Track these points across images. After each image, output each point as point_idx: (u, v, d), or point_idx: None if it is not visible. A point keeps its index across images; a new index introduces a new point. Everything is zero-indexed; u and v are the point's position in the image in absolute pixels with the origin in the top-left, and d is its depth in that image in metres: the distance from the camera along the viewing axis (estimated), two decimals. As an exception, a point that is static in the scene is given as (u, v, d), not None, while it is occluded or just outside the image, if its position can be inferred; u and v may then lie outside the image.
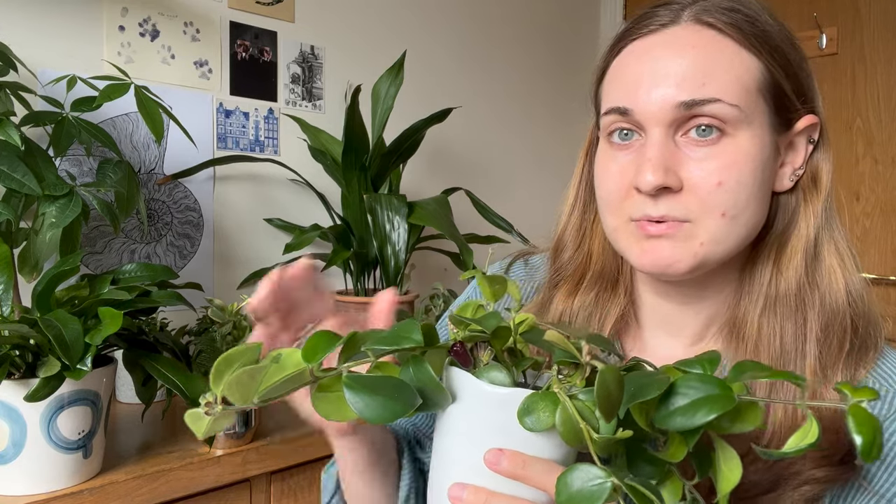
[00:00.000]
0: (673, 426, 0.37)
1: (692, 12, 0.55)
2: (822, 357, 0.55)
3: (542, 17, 2.14)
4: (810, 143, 0.59)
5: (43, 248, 0.85)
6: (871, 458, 0.35)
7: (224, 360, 0.36)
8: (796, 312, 0.56)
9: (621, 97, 0.56)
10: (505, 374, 0.43)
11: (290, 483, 1.06)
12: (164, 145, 1.36)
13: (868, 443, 0.35)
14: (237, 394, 0.36)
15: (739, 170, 0.53)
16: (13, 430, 0.77)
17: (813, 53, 2.08)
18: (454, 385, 0.44)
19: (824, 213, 0.58)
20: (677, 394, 0.38)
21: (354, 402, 0.37)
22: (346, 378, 0.38)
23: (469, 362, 0.45)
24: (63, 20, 1.24)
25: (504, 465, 0.41)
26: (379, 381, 0.38)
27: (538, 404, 0.40)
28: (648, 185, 0.53)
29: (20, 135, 0.85)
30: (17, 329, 0.74)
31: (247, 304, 0.52)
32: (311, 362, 0.38)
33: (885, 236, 2.00)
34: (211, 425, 0.36)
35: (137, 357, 0.85)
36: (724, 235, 0.54)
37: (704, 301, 0.61)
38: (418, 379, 0.40)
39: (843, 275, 0.57)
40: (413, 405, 0.38)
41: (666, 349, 0.64)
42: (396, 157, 1.41)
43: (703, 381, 0.38)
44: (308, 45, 1.58)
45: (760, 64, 0.54)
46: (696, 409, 0.37)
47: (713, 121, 0.53)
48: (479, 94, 1.96)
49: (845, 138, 2.04)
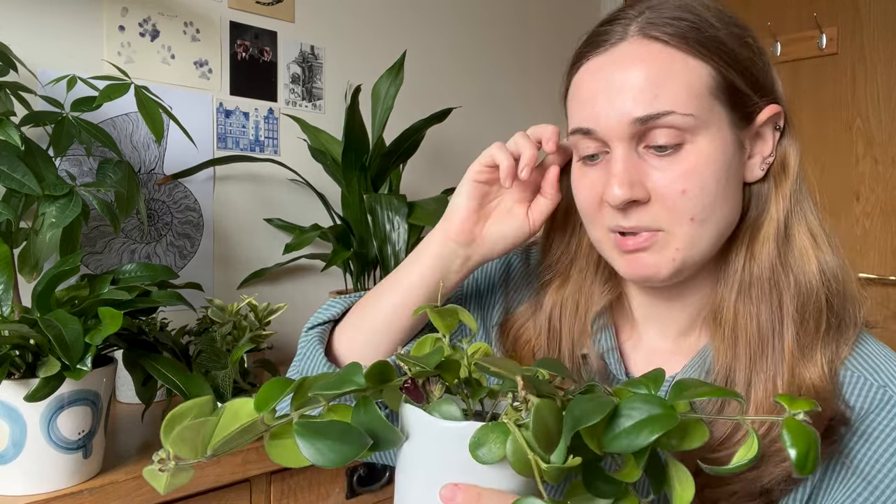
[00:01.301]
0: (619, 448, 0.38)
1: (638, 27, 0.57)
2: (800, 337, 0.56)
3: (542, 17, 2.14)
4: (777, 131, 0.60)
5: (43, 248, 0.85)
6: (805, 471, 0.36)
7: (174, 416, 0.37)
8: (771, 295, 0.57)
9: (582, 118, 0.58)
10: (456, 408, 0.43)
11: (290, 483, 1.06)
12: (164, 145, 1.36)
13: (802, 455, 0.36)
14: (185, 448, 0.36)
15: (701, 174, 0.55)
16: (13, 430, 0.77)
17: (813, 53, 2.08)
18: (407, 422, 0.44)
19: (793, 196, 0.59)
20: (622, 416, 0.39)
21: (306, 449, 0.38)
22: (296, 425, 0.39)
23: (421, 398, 0.45)
24: (63, 20, 1.24)
25: (459, 500, 0.41)
26: (328, 426, 0.39)
27: (489, 436, 0.40)
28: (616, 200, 0.55)
29: (20, 135, 0.85)
30: (17, 329, 0.74)
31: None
32: (262, 411, 0.39)
33: (885, 236, 2.00)
34: (169, 481, 0.36)
35: (137, 357, 0.85)
36: (697, 238, 0.56)
37: (688, 297, 0.63)
38: (368, 420, 0.41)
39: (816, 254, 0.58)
40: (363, 446, 0.38)
41: (656, 341, 0.66)
42: (396, 157, 1.41)
43: (647, 402, 0.39)
44: (308, 45, 1.58)
45: (709, 68, 0.55)
46: (640, 429, 0.38)
47: (671, 131, 0.54)
48: (479, 94, 1.96)
49: (845, 138, 2.04)
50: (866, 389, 0.56)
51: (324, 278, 1.58)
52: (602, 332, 0.66)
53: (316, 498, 1.09)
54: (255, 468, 0.98)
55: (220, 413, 0.38)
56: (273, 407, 0.39)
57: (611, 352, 0.65)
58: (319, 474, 1.09)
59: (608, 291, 0.66)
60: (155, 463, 0.36)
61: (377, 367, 0.42)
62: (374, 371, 0.42)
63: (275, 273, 1.49)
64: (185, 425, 0.36)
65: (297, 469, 1.06)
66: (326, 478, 1.10)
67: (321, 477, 1.10)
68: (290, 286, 1.55)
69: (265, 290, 1.49)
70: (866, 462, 0.54)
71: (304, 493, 1.08)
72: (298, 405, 0.41)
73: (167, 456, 0.36)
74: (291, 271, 1.55)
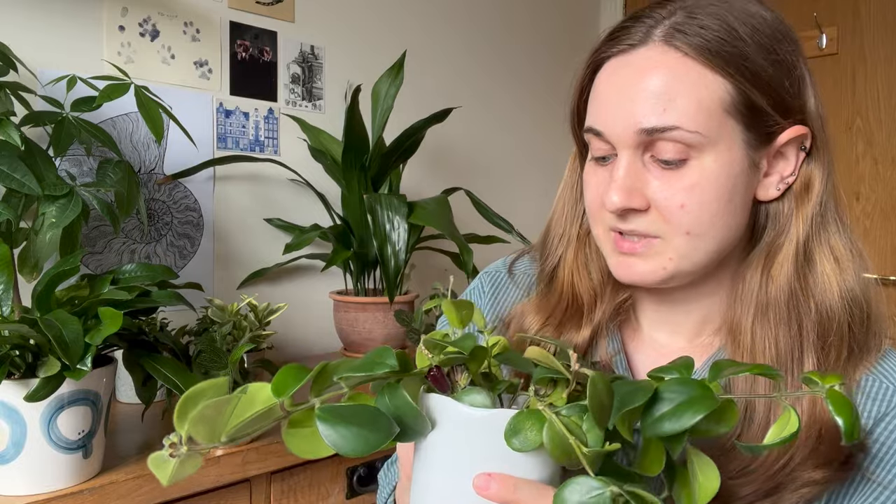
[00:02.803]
0: (662, 431, 0.37)
1: (662, 32, 0.55)
2: (821, 364, 0.55)
3: (542, 17, 2.14)
4: (802, 151, 0.59)
5: (43, 248, 0.85)
6: (852, 438, 0.36)
7: (189, 397, 0.34)
8: (790, 319, 0.56)
9: (595, 119, 0.59)
10: (485, 396, 0.42)
11: (290, 483, 1.06)
12: (164, 145, 1.36)
13: (850, 424, 0.36)
14: (204, 431, 0.34)
15: (702, 191, 0.54)
16: (13, 430, 0.77)
17: (813, 53, 2.08)
18: (433, 411, 0.42)
19: (816, 219, 0.58)
20: (661, 399, 0.38)
21: (329, 435, 0.36)
22: (319, 410, 0.36)
23: (446, 387, 0.44)
24: (63, 20, 1.24)
25: (494, 490, 0.39)
26: (354, 411, 0.37)
27: (524, 423, 0.39)
28: (612, 206, 0.56)
29: (20, 135, 0.85)
30: (17, 329, 0.74)
31: None
32: (280, 396, 0.36)
33: (885, 236, 2.00)
34: (177, 470, 0.34)
35: (137, 357, 0.85)
36: (692, 251, 0.56)
37: (695, 303, 0.63)
38: (395, 406, 0.39)
39: (838, 280, 0.57)
40: (391, 434, 0.37)
41: (666, 342, 0.66)
42: (396, 157, 1.41)
43: (684, 385, 0.38)
44: (308, 45, 1.58)
45: (728, 84, 0.54)
46: (681, 411, 0.37)
47: (676, 145, 0.54)
48: (479, 94, 1.96)
49: (845, 138, 2.04)
50: (882, 393, 0.56)
51: (324, 278, 1.58)
52: (609, 338, 0.66)
53: (316, 498, 1.09)
54: (255, 468, 0.98)
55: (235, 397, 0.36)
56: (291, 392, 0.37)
57: (618, 355, 0.65)
58: (319, 474, 1.09)
59: (615, 299, 0.66)
60: (165, 448, 0.34)
61: (400, 355, 0.40)
62: (402, 356, 0.40)
63: (275, 273, 1.49)
64: (206, 404, 0.33)
65: (297, 469, 1.06)
66: (326, 478, 1.10)
67: (321, 477, 1.10)
68: (290, 286, 1.55)
69: (265, 290, 1.49)
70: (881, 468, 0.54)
71: (304, 493, 1.08)
72: (319, 391, 0.38)
73: (179, 440, 0.34)
74: (291, 271, 1.55)
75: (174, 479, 0.34)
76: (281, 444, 1.01)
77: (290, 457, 1.03)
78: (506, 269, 0.76)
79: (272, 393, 0.36)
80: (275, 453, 1.01)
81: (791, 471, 0.52)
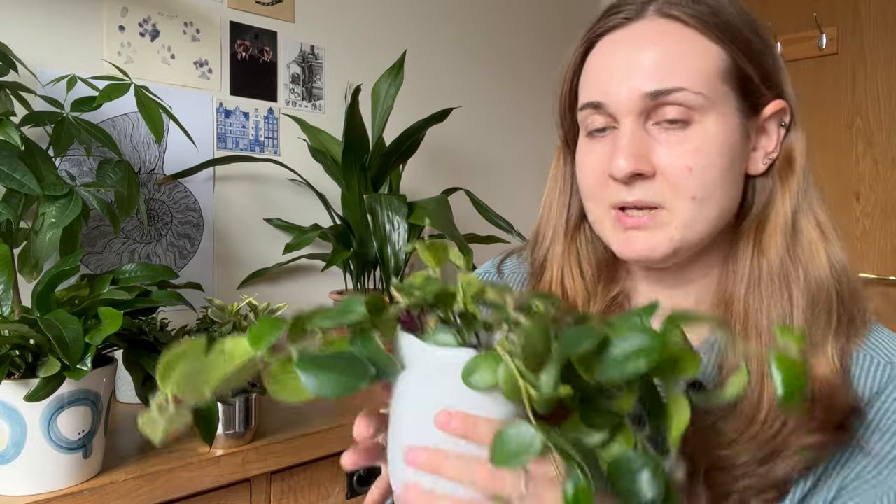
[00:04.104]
0: (611, 376, 0.38)
1: (657, 6, 0.58)
2: (812, 331, 0.56)
3: (542, 17, 2.14)
4: (782, 127, 0.61)
5: (43, 248, 0.85)
6: (792, 401, 0.36)
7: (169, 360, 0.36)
8: (781, 289, 0.58)
9: (594, 92, 0.60)
10: (451, 336, 0.44)
11: (290, 483, 1.06)
12: (164, 145, 1.36)
13: (789, 385, 0.36)
14: (188, 389, 0.36)
15: (707, 153, 0.56)
16: (13, 430, 0.77)
17: (813, 53, 2.08)
18: (404, 351, 0.44)
19: (801, 191, 0.60)
20: (613, 345, 0.39)
21: (308, 382, 0.38)
22: (298, 360, 0.38)
23: (417, 328, 0.46)
24: (63, 20, 1.24)
25: (454, 426, 0.42)
26: (330, 357, 0.39)
27: (481, 363, 0.41)
28: (621, 172, 0.56)
29: (20, 135, 0.85)
30: (17, 329, 0.74)
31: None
32: (257, 348, 0.38)
33: (885, 236, 2.00)
34: (167, 426, 0.36)
35: (137, 357, 0.85)
36: (695, 218, 0.57)
37: (690, 284, 0.64)
38: (368, 350, 0.41)
39: (825, 247, 0.59)
40: (367, 377, 0.39)
41: None
42: (396, 157, 1.41)
43: (638, 332, 0.39)
44: (308, 45, 1.58)
45: (723, 52, 0.57)
46: (631, 358, 0.38)
47: (680, 108, 0.56)
48: (479, 94, 1.96)
49: (845, 138, 2.04)
50: (874, 368, 0.57)
51: (324, 278, 1.58)
52: None
53: (316, 498, 1.09)
54: (255, 468, 0.98)
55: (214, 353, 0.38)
56: (269, 344, 0.39)
57: None
58: (319, 474, 1.09)
59: (615, 289, 0.66)
60: (153, 408, 0.36)
61: (375, 298, 0.42)
62: (372, 303, 0.42)
63: (275, 273, 1.49)
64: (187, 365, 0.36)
65: (297, 469, 1.06)
66: (326, 478, 1.10)
67: (321, 477, 1.10)
68: (290, 286, 1.55)
69: (265, 290, 1.49)
70: (876, 440, 0.54)
71: (304, 492, 1.08)
72: (295, 340, 0.40)
73: (166, 400, 0.36)
74: (291, 271, 1.55)
75: (164, 436, 0.36)
76: (281, 444, 1.01)
77: (290, 457, 1.03)
78: (495, 270, 0.77)
79: (249, 345, 0.38)
80: (275, 453, 1.01)
81: (785, 437, 0.53)
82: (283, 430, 1.05)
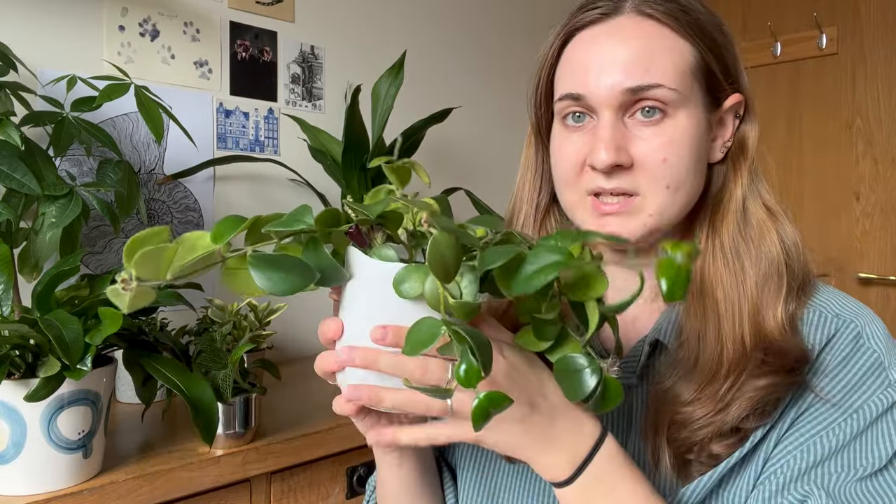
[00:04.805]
0: (520, 289, 0.42)
1: (633, 3, 0.61)
2: (763, 300, 0.60)
3: (542, 17, 2.14)
4: (737, 118, 0.66)
5: (43, 248, 0.85)
6: (674, 297, 0.40)
7: (136, 240, 0.39)
8: (734, 262, 0.62)
9: (573, 84, 0.62)
10: (393, 252, 0.48)
11: (290, 483, 1.06)
12: (164, 145, 1.36)
13: (671, 281, 0.39)
14: (147, 269, 0.39)
15: (680, 146, 0.60)
16: (13, 430, 0.77)
17: (813, 53, 2.08)
18: (350, 263, 0.48)
19: (749, 176, 0.65)
20: (528, 263, 0.43)
21: (258, 278, 0.41)
22: (251, 257, 0.42)
23: (364, 243, 0.50)
24: (63, 20, 1.24)
25: (389, 339, 0.46)
26: (280, 259, 0.43)
27: (411, 275, 0.45)
28: (603, 164, 0.59)
29: (20, 135, 0.85)
30: (17, 329, 0.74)
31: None
32: (218, 243, 0.42)
33: (885, 236, 2.00)
34: (132, 301, 0.39)
35: (137, 357, 0.85)
36: (668, 205, 0.61)
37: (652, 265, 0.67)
38: (315, 257, 0.45)
39: (775, 226, 0.63)
40: (311, 279, 0.43)
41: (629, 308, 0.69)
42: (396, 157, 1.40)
43: (550, 251, 0.43)
44: (308, 45, 1.58)
45: (694, 49, 0.61)
46: (541, 273, 0.42)
47: (656, 103, 0.59)
48: (479, 94, 1.96)
49: (845, 138, 2.04)
50: (823, 322, 0.61)
51: (324, 278, 1.58)
52: None
53: (316, 498, 1.09)
54: (255, 468, 0.98)
55: (178, 243, 0.41)
56: (228, 240, 0.42)
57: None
58: (319, 474, 1.09)
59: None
60: (118, 283, 0.38)
61: (328, 212, 0.46)
62: (325, 216, 0.46)
63: (275, 273, 1.49)
64: (145, 250, 0.39)
65: (297, 469, 1.06)
66: (326, 478, 1.10)
67: (321, 477, 1.10)
68: (290, 286, 1.55)
69: (265, 290, 1.49)
70: (831, 388, 0.59)
71: (304, 493, 1.08)
72: (253, 241, 0.44)
73: (129, 276, 0.38)
74: (291, 271, 1.55)
75: (131, 309, 0.40)
76: (281, 444, 1.01)
77: (290, 457, 1.03)
78: None
79: (211, 240, 0.42)
80: (275, 453, 1.01)
81: (739, 388, 0.57)
82: (283, 430, 1.05)
